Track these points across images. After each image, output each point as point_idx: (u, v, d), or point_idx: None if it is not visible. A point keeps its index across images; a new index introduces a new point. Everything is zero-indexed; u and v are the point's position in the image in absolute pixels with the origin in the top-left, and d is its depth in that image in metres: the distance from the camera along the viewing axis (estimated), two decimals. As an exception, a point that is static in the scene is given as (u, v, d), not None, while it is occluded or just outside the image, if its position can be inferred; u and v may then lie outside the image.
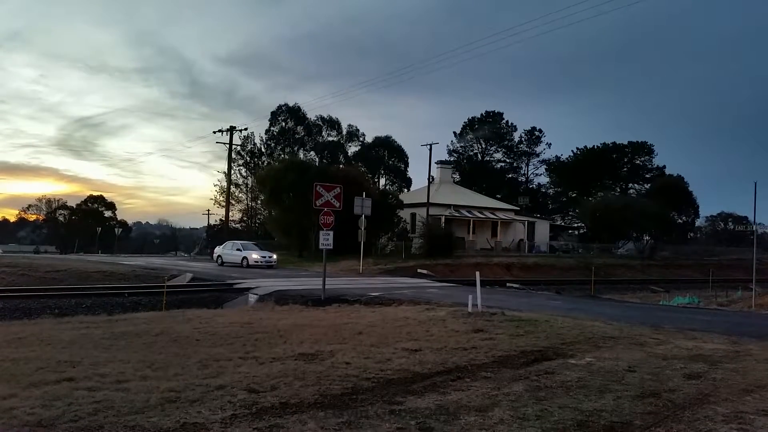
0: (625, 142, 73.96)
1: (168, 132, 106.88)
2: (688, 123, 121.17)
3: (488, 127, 75.72)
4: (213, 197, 70.11)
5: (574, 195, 73.67)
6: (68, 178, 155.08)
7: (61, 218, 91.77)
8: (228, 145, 45.73)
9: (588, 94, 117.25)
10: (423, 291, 19.68)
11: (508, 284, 26.51)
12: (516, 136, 77.91)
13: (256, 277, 24.06)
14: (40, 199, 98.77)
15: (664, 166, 74.50)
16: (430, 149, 46.32)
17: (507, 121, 77.17)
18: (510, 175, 79.29)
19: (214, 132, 46.06)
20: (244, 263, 31.91)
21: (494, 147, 78.03)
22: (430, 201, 45.40)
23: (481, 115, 77.12)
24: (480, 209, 52.44)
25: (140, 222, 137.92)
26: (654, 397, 5.97)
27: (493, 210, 53.71)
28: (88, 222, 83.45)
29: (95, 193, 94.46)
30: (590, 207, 59.20)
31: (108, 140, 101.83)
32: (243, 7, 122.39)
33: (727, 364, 7.89)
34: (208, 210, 71.79)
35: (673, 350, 8.78)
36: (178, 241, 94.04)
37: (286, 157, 63.15)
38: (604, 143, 74.53)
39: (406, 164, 73.92)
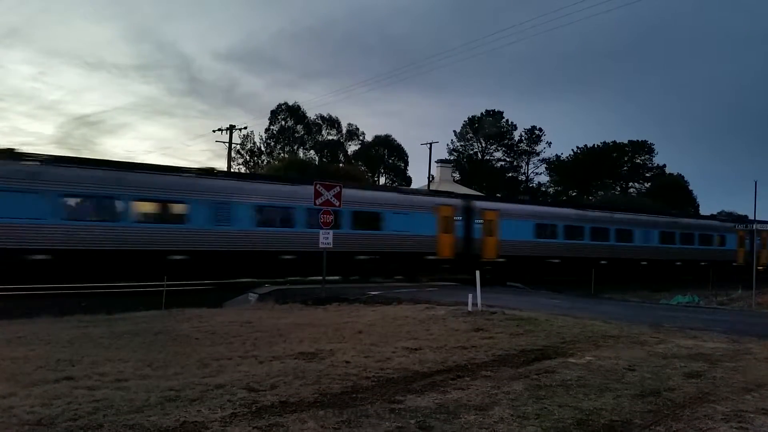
0: (626, 141, 74.25)
1: (167, 130, 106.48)
2: (688, 122, 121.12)
3: (488, 125, 75.68)
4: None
5: (575, 194, 73.73)
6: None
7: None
8: (228, 144, 45.73)
9: (588, 92, 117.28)
10: (423, 290, 19.67)
11: (508, 283, 26.46)
12: (516, 135, 77.97)
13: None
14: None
15: (665, 165, 74.79)
16: (430, 148, 46.51)
17: (507, 120, 77.20)
18: (510, 174, 79.24)
19: (214, 131, 46.12)
20: None
21: (494, 146, 78.00)
22: (430, 200, 45.33)
23: (482, 113, 77.13)
24: (480, 208, 52.31)
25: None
26: (654, 395, 5.97)
27: (493, 209, 53.58)
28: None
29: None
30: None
31: (107, 138, 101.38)
32: (243, 2, 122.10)
33: (727, 362, 7.88)
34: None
35: (673, 349, 8.78)
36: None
37: (286, 156, 63.13)
38: (605, 142, 74.82)
39: (406, 163, 73.83)
